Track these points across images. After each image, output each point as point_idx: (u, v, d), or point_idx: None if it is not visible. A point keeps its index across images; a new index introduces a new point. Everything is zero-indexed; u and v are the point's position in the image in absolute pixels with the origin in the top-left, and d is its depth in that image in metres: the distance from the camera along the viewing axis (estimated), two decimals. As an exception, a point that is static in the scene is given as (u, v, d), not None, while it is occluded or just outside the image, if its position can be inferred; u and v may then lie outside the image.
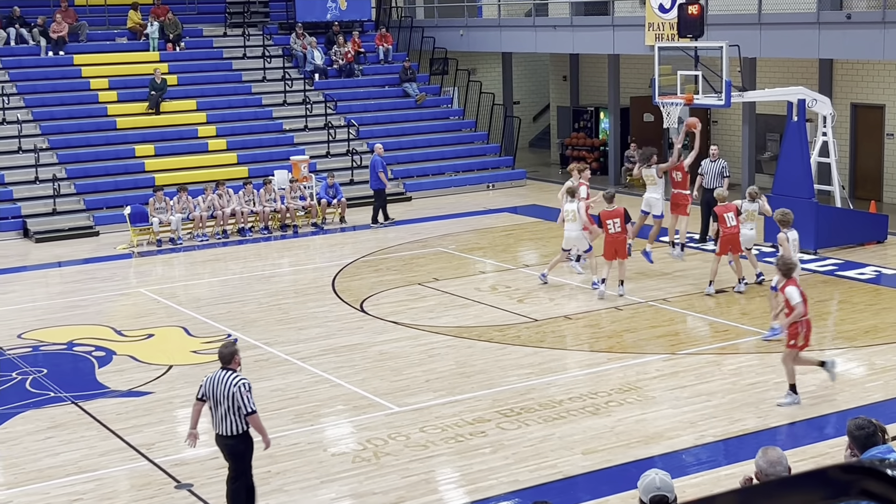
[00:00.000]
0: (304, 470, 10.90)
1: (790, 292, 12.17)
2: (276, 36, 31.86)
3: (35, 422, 12.53)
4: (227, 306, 17.49)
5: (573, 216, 17.53)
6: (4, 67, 27.92)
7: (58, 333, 16.25)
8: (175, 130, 27.35)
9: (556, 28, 28.75)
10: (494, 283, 18.53)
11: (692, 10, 20.26)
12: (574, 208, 17.54)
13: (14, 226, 23.84)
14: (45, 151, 25.48)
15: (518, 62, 34.05)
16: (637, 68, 29.22)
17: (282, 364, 14.40)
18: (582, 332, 15.52)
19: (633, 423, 11.89)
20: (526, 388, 13.11)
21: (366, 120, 29.44)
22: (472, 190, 28.06)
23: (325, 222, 24.20)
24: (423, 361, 14.33)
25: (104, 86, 28.03)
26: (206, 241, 22.75)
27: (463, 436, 11.63)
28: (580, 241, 17.66)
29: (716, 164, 20.77)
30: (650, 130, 29.63)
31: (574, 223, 17.53)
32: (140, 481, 10.80)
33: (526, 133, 35.21)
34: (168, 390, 13.52)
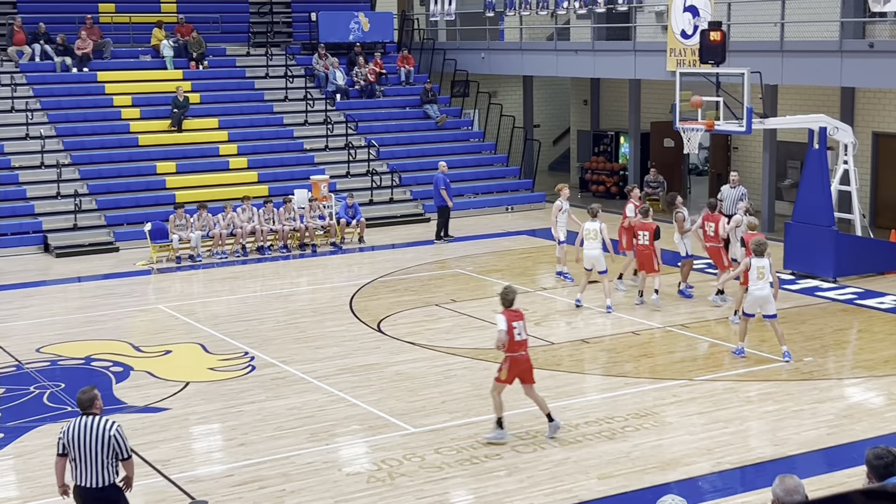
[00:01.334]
0: (319, 489, 10.89)
1: (498, 319, 11.85)
2: (298, 56, 32.03)
3: (51, 436, 12.54)
4: (245, 324, 17.53)
5: (594, 235, 17.56)
6: (29, 83, 28.15)
7: (76, 348, 16.31)
8: (196, 148, 27.49)
9: (578, 52, 28.81)
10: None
11: (714, 36, 20.27)
12: (595, 227, 17.58)
13: (35, 240, 23.98)
14: (67, 167, 25.66)
15: (539, 85, 34.13)
16: (658, 93, 29.24)
17: (298, 382, 14.41)
18: (599, 356, 15.48)
19: (649, 448, 11.84)
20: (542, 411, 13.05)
21: (386, 141, 29.53)
22: (491, 212, 28.08)
23: (343, 242, 24.25)
24: (439, 382, 14.32)
25: (127, 102, 28.23)
26: (224, 259, 22.83)
27: (478, 458, 11.61)
28: (599, 261, 17.64)
29: (735, 190, 20.80)
30: (670, 156, 29.62)
31: (594, 241, 17.55)
32: (155, 497, 10.81)
33: (546, 156, 35.26)
34: (184, 407, 13.55)
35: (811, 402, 13.28)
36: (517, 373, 11.84)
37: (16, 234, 23.88)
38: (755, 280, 14.57)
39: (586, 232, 17.68)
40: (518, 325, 11.78)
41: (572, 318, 17.47)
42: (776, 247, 21.50)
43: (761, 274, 14.54)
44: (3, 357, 15.43)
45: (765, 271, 14.55)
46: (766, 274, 14.55)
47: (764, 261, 14.57)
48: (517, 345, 11.78)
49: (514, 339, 11.77)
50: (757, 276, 14.54)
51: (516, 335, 11.76)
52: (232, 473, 11.37)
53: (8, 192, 24.89)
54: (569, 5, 29.04)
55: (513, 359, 11.85)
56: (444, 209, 24.40)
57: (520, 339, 11.79)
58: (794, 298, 18.60)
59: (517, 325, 11.76)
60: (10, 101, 26.97)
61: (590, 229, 17.63)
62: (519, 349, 11.81)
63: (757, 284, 14.59)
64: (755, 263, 14.58)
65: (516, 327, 11.76)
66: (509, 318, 11.77)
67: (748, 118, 19.34)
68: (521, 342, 11.81)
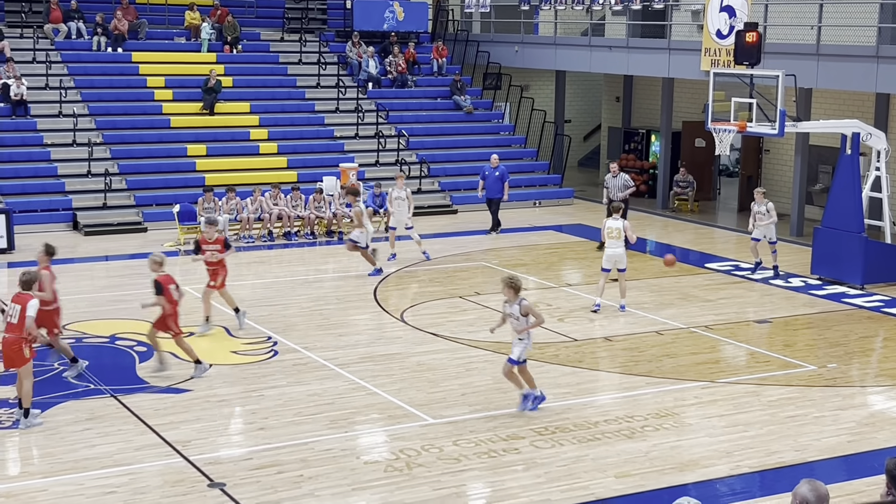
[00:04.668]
0: (337, 476, 10.93)
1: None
2: (332, 43, 32.07)
3: (74, 413, 12.68)
4: (269, 309, 17.59)
5: (618, 234, 17.49)
6: (63, 61, 28.32)
7: (101, 326, 16.43)
8: (227, 132, 27.60)
9: (612, 49, 28.71)
10: (536, 301, 18.47)
11: (750, 37, 20.14)
12: (619, 226, 17.50)
13: (64, 217, 24.14)
14: (98, 146, 25.80)
15: (571, 81, 34.03)
16: (691, 93, 29.09)
17: (320, 369, 14.46)
18: (621, 354, 15.44)
19: (668, 448, 11.81)
20: (562, 407, 13.07)
21: (416, 131, 29.53)
22: (518, 206, 28.03)
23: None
24: (460, 375, 14.33)
25: (160, 84, 28.35)
26: (251, 243, 22.92)
27: (496, 451, 11.62)
28: (622, 259, 17.56)
29: (617, 178, 22.76)
30: (701, 156, 29.48)
31: (617, 240, 17.47)
32: (173, 478, 10.88)
33: (576, 152, 35.16)
34: (206, 389, 13.62)
35: (833, 409, 13.20)
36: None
37: (46, 211, 24.06)
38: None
39: (608, 231, 17.57)
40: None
41: (595, 316, 17.43)
42: (804, 252, 21.43)
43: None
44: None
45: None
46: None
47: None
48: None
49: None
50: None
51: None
52: (251, 457, 11.43)
53: (39, 169, 25.08)
54: (604, 2, 28.93)
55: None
56: (493, 201, 24.59)
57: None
58: (821, 304, 18.50)
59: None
60: (44, 79, 27.14)
61: (612, 227, 17.54)
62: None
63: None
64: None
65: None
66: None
67: (781, 121, 19.21)
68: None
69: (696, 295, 18.92)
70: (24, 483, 10.75)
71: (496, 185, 24.30)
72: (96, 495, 10.42)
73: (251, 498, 10.39)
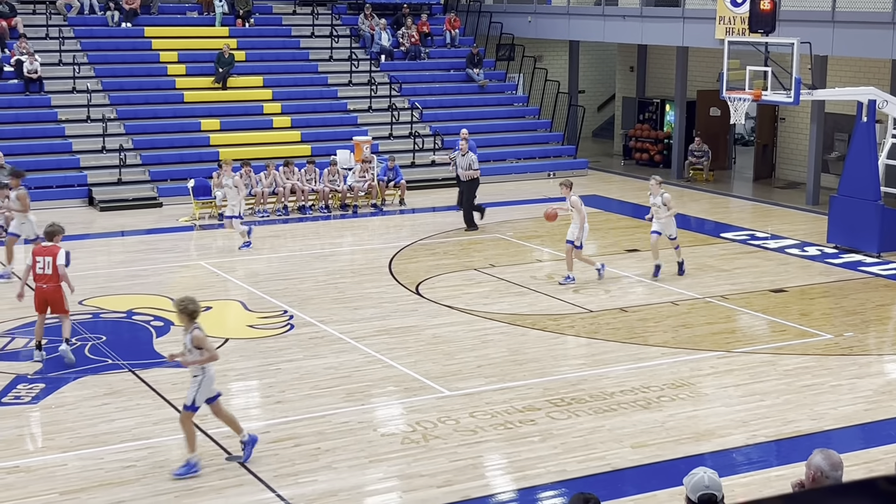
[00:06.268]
0: (354, 448, 10.99)
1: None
2: (344, 16, 31.97)
3: (92, 387, 12.76)
4: (285, 283, 17.64)
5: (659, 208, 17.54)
6: (77, 37, 28.32)
7: (118, 302, 16.51)
8: (241, 106, 27.58)
9: (626, 18, 28.54)
10: (551, 272, 18.48)
11: (765, 4, 19.99)
12: (657, 201, 17.56)
13: (80, 193, 24.22)
14: (112, 121, 25.83)
15: (585, 51, 33.86)
16: (705, 61, 28.92)
17: (336, 342, 14.51)
18: (637, 325, 15.43)
19: (684, 419, 11.82)
20: (578, 378, 13.09)
21: (430, 103, 29.46)
22: (532, 177, 27.98)
23: (384, 204, 24.29)
24: (475, 347, 14.36)
25: (173, 59, 28.33)
26: (266, 217, 22.95)
27: (512, 423, 11.65)
28: (669, 226, 17.63)
29: (465, 157, 21.77)
30: (716, 125, 29.34)
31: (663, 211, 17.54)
32: (192, 451, 10.93)
33: (590, 123, 35.04)
34: (223, 363, 13.60)
35: (850, 378, 13.18)
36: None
37: (61, 186, 24.13)
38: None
39: (655, 208, 17.60)
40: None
41: (610, 287, 17.42)
42: (820, 220, 21.36)
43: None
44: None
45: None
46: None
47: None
48: None
49: None
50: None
51: None
52: (268, 430, 11.49)
53: (54, 146, 25.13)
54: (618, -30, 28.73)
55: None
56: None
57: None
58: (837, 272, 18.44)
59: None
60: (57, 55, 27.15)
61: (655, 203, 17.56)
62: None
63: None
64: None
65: None
66: None
67: (796, 89, 19.10)
68: None
69: (711, 265, 18.88)
70: (44, 458, 10.84)
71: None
72: (115, 469, 10.50)
73: (269, 471, 10.45)
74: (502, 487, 10.41)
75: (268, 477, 10.32)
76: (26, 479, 10.28)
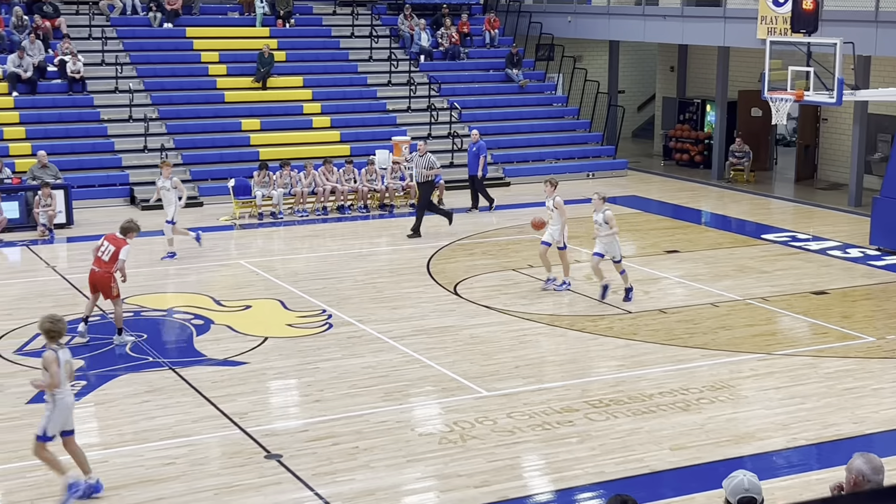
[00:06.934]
0: (391, 448, 11.01)
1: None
2: (384, 16, 32.03)
3: (133, 385, 12.87)
4: (324, 282, 17.71)
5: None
6: (119, 37, 28.57)
7: (159, 300, 16.64)
8: (281, 106, 27.71)
9: (666, 18, 28.38)
10: (589, 273, 18.40)
11: (807, 4, 19.80)
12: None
13: (122, 192, 24.43)
14: (154, 121, 26.04)
15: (625, 51, 33.72)
16: (747, 61, 28.70)
17: (374, 342, 14.54)
18: (676, 326, 15.35)
19: (723, 421, 11.75)
20: (616, 380, 13.04)
21: (468, 103, 29.45)
22: (571, 178, 27.87)
23: (423, 203, 24.29)
24: (513, 347, 14.34)
25: (214, 59, 28.51)
26: (306, 217, 23.05)
27: (550, 424, 11.62)
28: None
29: (424, 158, 21.57)
30: (757, 125, 29.12)
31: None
32: (231, 449, 11.02)
33: (629, 123, 34.88)
34: (262, 361, 13.76)
35: (892, 381, 13.04)
36: None
37: (103, 185, 24.36)
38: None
39: (597, 226, 17.14)
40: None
41: (650, 288, 17.34)
42: (863, 222, 21.14)
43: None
44: (99, 309, 15.76)
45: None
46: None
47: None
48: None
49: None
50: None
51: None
52: (307, 429, 11.54)
53: (97, 145, 25.38)
54: (658, -30, 28.59)
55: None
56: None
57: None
58: (879, 275, 18.25)
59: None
60: (100, 55, 27.41)
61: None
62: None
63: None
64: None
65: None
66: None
67: (839, 89, 18.90)
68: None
69: (752, 266, 18.74)
70: (86, 454, 10.93)
71: (474, 161, 23.92)
72: (155, 466, 10.59)
73: (307, 469, 10.50)
74: (540, 488, 10.39)
75: (306, 475, 10.37)
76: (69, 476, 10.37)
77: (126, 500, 9.88)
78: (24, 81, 25.84)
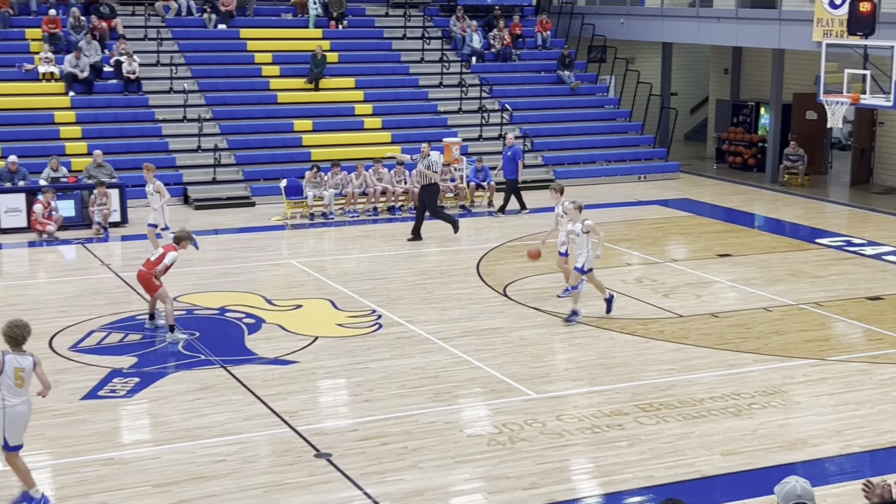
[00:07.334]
0: (440, 449, 11.02)
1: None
2: (436, 18, 32.08)
3: (185, 382, 13.00)
4: (374, 282, 17.77)
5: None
6: (174, 38, 28.86)
7: (211, 299, 16.79)
8: (333, 107, 27.84)
9: (720, 20, 28.15)
10: (640, 276, 18.33)
11: (864, 7, 19.59)
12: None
13: (175, 192, 24.64)
14: (208, 121, 26.28)
15: (678, 53, 33.49)
16: (802, 64, 28.38)
17: (423, 343, 14.57)
18: (728, 331, 15.22)
19: (775, 427, 11.63)
20: (666, 384, 12.96)
21: (520, 105, 29.40)
22: (622, 180, 27.77)
23: (473, 205, 24.31)
24: (563, 350, 14.30)
25: (268, 60, 28.71)
26: (356, 218, 23.15)
27: (599, 427, 11.58)
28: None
29: (426, 159, 21.21)
30: (812, 128, 28.80)
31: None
32: (281, 447, 11.09)
33: (682, 125, 34.65)
34: (312, 361, 13.84)
35: (949, 389, 12.84)
36: None
37: (157, 185, 24.59)
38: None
39: (573, 236, 16.54)
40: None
41: (702, 292, 17.21)
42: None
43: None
44: (141, 304, 15.96)
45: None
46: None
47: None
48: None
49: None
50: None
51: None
52: (356, 428, 11.59)
53: (152, 145, 25.66)
54: (713, -29, 28.38)
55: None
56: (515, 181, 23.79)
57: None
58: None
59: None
60: (155, 56, 27.72)
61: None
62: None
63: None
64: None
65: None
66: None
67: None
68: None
69: (805, 271, 18.54)
70: (138, 451, 11.08)
71: (510, 165, 23.66)
72: (207, 463, 10.69)
73: (356, 468, 10.54)
74: (589, 492, 10.35)
75: (355, 474, 10.41)
76: (120, 472, 10.51)
77: (178, 496, 9.99)
78: (81, 81, 26.20)
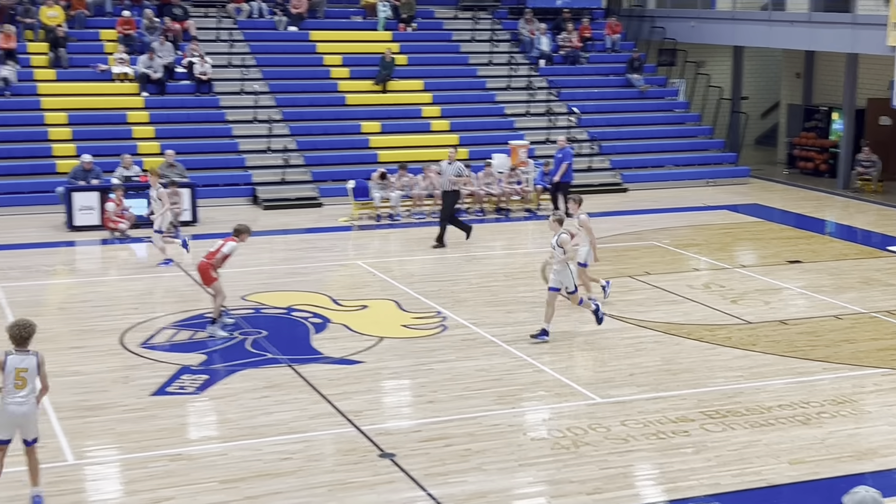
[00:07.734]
0: (504, 451, 11.01)
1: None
2: (505, 20, 32.07)
3: (253, 380, 13.14)
4: (439, 284, 17.80)
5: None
6: (245, 40, 29.19)
7: (278, 298, 16.94)
8: (401, 109, 27.96)
9: (793, 23, 27.79)
10: (708, 282, 18.15)
11: (942, 9, 19.20)
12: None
13: (245, 192, 24.96)
14: (277, 123, 26.54)
15: (749, 56, 33.11)
16: (876, 69, 27.90)
17: (488, 345, 14.57)
18: (797, 338, 15.01)
19: (845, 436, 11.45)
20: (734, 390, 12.81)
21: (588, 108, 29.27)
22: (691, 185, 27.51)
23: (539, 209, 24.26)
24: (629, 355, 14.21)
25: (337, 62, 28.92)
26: (422, 220, 23.21)
27: (665, 433, 11.49)
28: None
29: (452, 166, 21.13)
30: (885, 134, 28.31)
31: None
32: (346, 447, 11.16)
33: (752, 130, 34.24)
34: (377, 361, 13.91)
35: None
36: None
37: (227, 185, 24.92)
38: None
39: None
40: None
41: (770, 298, 16.99)
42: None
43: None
44: (211, 303, 16.15)
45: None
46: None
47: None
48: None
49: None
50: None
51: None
52: (420, 429, 11.62)
53: (222, 145, 25.98)
54: (786, -26, 28.02)
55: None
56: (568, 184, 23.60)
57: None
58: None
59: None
60: (226, 57, 28.06)
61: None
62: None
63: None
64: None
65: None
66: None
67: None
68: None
69: (877, 279, 18.22)
70: (205, 447, 11.22)
71: (560, 167, 23.51)
72: (272, 461, 10.79)
73: (420, 469, 10.57)
74: (653, 498, 10.27)
75: (419, 475, 10.44)
76: (188, 467, 10.65)
77: (244, 492, 10.09)
78: (154, 82, 26.62)
